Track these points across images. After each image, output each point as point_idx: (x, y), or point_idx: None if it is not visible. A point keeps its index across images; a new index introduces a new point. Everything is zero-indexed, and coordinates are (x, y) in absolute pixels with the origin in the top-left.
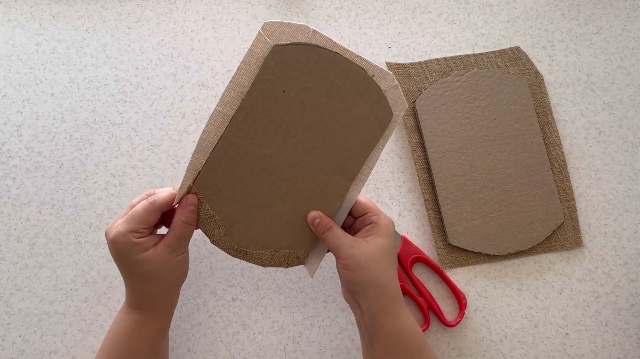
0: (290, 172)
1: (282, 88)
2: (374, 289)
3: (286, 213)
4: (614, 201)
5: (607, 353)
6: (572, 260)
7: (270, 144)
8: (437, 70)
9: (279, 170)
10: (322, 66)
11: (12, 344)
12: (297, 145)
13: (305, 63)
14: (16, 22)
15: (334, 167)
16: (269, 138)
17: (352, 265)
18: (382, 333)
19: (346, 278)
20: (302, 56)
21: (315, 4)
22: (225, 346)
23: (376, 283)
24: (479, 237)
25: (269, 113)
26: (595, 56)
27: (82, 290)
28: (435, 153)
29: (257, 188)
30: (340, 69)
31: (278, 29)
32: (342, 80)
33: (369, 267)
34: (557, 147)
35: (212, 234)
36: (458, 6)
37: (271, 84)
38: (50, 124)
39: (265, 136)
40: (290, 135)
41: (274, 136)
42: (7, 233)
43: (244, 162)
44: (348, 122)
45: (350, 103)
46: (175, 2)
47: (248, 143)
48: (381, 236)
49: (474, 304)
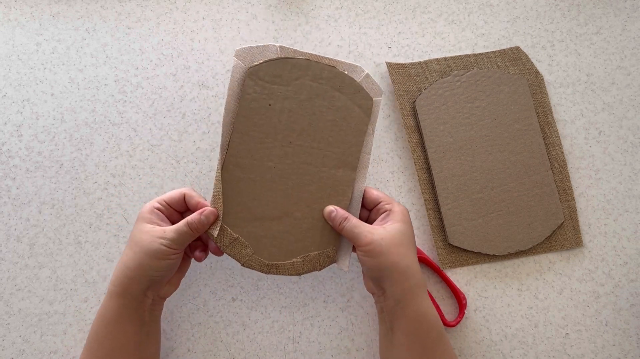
0: (297, 178)
1: (267, 103)
2: (398, 273)
3: (305, 217)
4: (614, 201)
5: (607, 353)
6: (572, 260)
7: (271, 156)
8: (437, 70)
9: (285, 178)
10: (297, 74)
11: (12, 344)
12: (296, 151)
13: (280, 75)
14: (16, 22)
15: (335, 161)
16: (269, 151)
17: (373, 250)
18: (405, 316)
19: (369, 265)
20: (276, 70)
21: (315, 4)
22: (225, 346)
23: (400, 267)
24: (479, 237)
25: (261, 129)
26: (595, 56)
27: (82, 290)
28: (435, 153)
29: (271, 200)
30: (313, 72)
31: (249, 52)
32: (318, 81)
33: (390, 251)
34: (557, 147)
35: (241, 256)
36: (458, 6)
37: (256, 102)
38: (50, 124)
39: (265, 150)
40: (286, 142)
41: (273, 147)
42: (7, 233)
43: (251, 179)
44: (335, 116)
45: (332, 100)
46: (175, 2)
47: (250, 161)
48: (397, 221)
49: (474, 304)
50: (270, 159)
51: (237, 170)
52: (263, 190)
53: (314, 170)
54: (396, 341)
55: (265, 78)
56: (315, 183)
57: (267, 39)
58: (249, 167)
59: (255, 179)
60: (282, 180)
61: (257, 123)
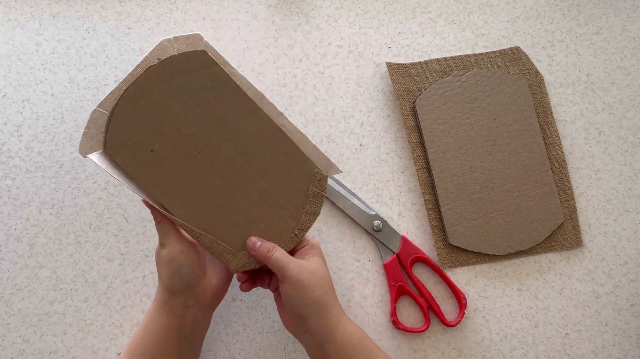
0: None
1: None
2: (322, 306)
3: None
4: (614, 201)
5: (607, 353)
6: (572, 260)
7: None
8: (437, 70)
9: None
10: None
11: (12, 344)
12: (215, 162)
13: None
14: (16, 22)
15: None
16: (197, 168)
17: (302, 283)
18: (336, 348)
19: (295, 300)
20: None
21: (315, 4)
22: (225, 346)
23: (324, 300)
24: (479, 237)
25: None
26: (595, 56)
27: (82, 290)
28: (435, 153)
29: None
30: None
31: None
32: (187, 85)
33: (317, 284)
34: (557, 147)
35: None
36: (458, 6)
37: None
38: (50, 124)
39: (192, 167)
40: (203, 157)
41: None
42: (7, 233)
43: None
44: (222, 111)
45: (207, 95)
46: (175, 2)
47: (189, 194)
48: (318, 255)
49: (474, 304)
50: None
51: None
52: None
53: (249, 168)
54: None
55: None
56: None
57: (267, 38)
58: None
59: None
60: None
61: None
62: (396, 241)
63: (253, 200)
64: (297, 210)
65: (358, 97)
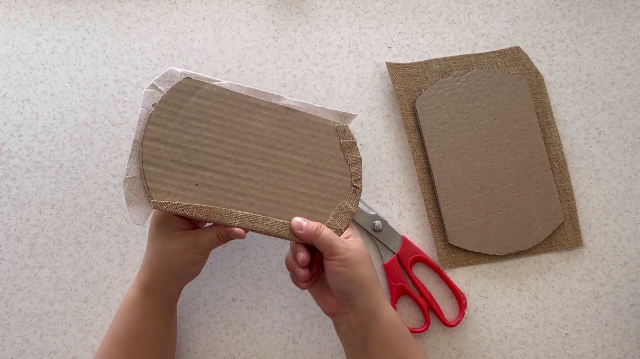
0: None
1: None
2: (369, 283)
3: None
4: (614, 201)
5: (607, 353)
6: (572, 260)
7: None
8: (437, 70)
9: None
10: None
11: (12, 344)
12: (253, 169)
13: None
14: (16, 22)
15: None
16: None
17: (349, 260)
18: (380, 326)
19: (344, 276)
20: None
21: (315, 4)
22: (225, 346)
23: (371, 278)
24: (479, 237)
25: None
26: (595, 56)
27: (82, 290)
28: (435, 153)
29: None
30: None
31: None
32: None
33: (364, 262)
34: (557, 147)
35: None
36: (458, 6)
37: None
38: (50, 124)
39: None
40: (240, 164)
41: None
42: (7, 233)
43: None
44: (231, 119)
45: (211, 113)
46: (175, 2)
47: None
48: (359, 236)
49: (474, 304)
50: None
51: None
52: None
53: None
54: (372, 355)
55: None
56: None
57: (267, 38)
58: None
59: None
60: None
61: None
62: (396, 241)
63: (302, 178)
64: (342, 166)
65: (358, 97)
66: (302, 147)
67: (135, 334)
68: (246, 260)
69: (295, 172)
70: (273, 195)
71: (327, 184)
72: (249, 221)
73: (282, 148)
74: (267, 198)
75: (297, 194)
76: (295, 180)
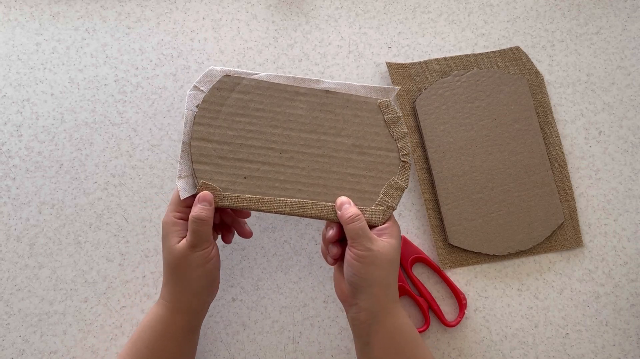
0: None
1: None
2: (379, 288)
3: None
4: (614, 201)
5: (607, 353)
6: (572, 260)
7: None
8: (437, 70)
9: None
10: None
11: (12, 344)
12: (299, 158)
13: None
14: (16, 22)
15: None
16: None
17: (367, 258)
18: (382, 331)
19: (356, 271)
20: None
21: (315, 4)
22: (225, 346)
23: (383, 283)
24: (479, 237)
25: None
26: (595, 56)
27: (82, 290)
28: (435, 153)
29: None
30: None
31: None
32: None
33: (381, 265)
34: (557, 147)
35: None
36: (458, 6)
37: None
38: (50, 124)
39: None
40: (285, 153)
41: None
42: (7, 233)
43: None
44: (272, 109)
45: (252, 107)
46: (175, 2)
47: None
48: (394, 238)
49: (474, 304)
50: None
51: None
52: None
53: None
54: (375, 352)
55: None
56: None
57: (267, 38)
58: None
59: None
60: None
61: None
62: None
63: (348, 159)
64: (389, 142)
65: None
66: (345, 128)
67: (156, 352)
68: (246, 260)
69: (340, 154)
70: (320, 180)
71: (375, 162)
72: (298, 208)
73: (325, 132)
74: (315, 183)
75: (345, 176)
76: (341, 162)
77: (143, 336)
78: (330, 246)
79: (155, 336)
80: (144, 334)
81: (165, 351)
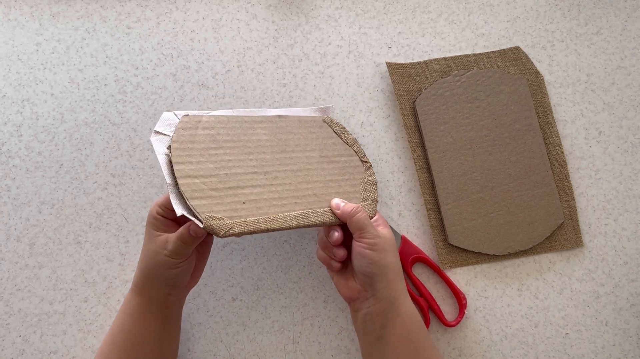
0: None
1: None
2: (394, 272)
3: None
4: (614, 201)
5: (607, 353)
6: (572, 260)
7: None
8: (437, 70)
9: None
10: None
11: (12, 344)
12: (279, 179)
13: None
14: (16, 22)
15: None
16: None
17: (379, 245)
18: (400, 316)
19: (371, 259)
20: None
21: (315, 4)
22: (225, 346)
23: (396, 268)
24: (479, 237)
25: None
26: (595, 56)
27: (82, 290)
28: (435, 153)
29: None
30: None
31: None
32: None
33: (391, 251)
34: (557, 147)
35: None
36: (458, 6)
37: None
38: (50, 124)
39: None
40: (269, 176)
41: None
42: (7, 233)
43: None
44: (240, 139)
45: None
46: (175, 2)
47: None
48: (387, 227)
49: (474, 304)
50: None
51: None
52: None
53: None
54: (388, 345)
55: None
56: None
57: (267, 38)
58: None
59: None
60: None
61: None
62: (396, 241)
63: (322, 168)
64: (346, 148)
65: (358, 97)
66: (307, 143)
67: (129, 335)
68: (246, 260)
69: (314, 165)
70: (309, 190)
71: (344, 167)
72: (302, 219)
73: (292, 149)
74: (306, 194)
75: (326, 182)
76: (318, 172)
77: (117, 319)
78: (335, 249)
79: (125, 319)
80: (117, 318)
81: (134, 334)
